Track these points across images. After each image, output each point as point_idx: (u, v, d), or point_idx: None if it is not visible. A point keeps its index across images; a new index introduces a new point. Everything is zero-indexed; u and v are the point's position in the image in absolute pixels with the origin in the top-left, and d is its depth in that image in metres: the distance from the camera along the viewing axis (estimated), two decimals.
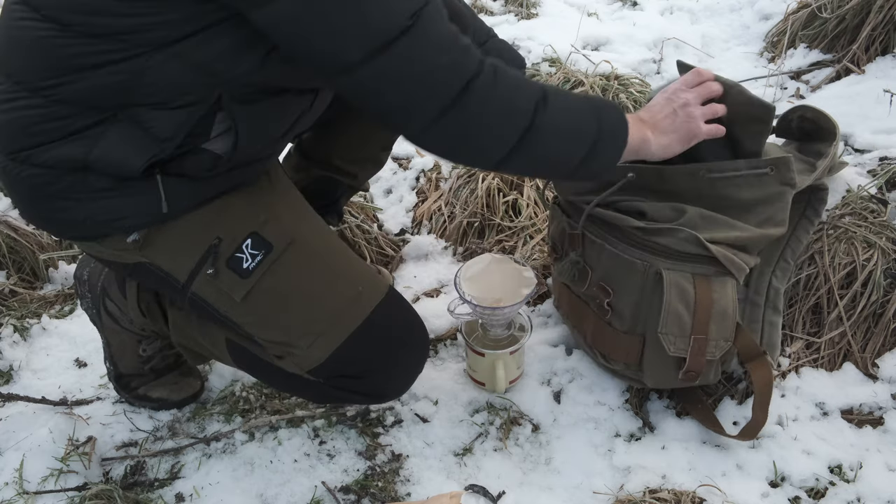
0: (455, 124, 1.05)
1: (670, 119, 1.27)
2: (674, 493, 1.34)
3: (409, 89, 1.02)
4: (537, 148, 1.10)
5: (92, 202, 1.13)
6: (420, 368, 1.35)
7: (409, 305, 1.37)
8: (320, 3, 0.94)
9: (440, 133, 1.06)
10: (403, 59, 0.99)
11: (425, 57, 1.00)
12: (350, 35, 0.97)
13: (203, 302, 1.23)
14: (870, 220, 1.64)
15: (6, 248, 1.90)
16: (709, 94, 1.30)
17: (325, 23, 0.96)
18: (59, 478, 1.41)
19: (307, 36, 0.97)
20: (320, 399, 1.44)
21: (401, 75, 1.00)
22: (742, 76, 2.39)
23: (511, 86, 1.07)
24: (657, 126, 1.26)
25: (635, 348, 1.41)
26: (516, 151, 1.09)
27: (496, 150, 1.09)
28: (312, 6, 0.94)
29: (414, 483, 1.42)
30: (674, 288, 1.32)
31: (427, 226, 2.00)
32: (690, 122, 1.27)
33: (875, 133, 1.98)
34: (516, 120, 1.07)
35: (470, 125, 1.06)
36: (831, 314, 1.57)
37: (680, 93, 1.29)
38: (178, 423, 1.55)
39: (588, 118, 1.14)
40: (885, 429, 1.46)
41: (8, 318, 1.78)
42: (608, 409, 1.52)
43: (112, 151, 1.08)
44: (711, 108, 1.30)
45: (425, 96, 1.02)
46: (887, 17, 2.20)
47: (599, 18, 2.80)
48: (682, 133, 1.27)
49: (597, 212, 1.39)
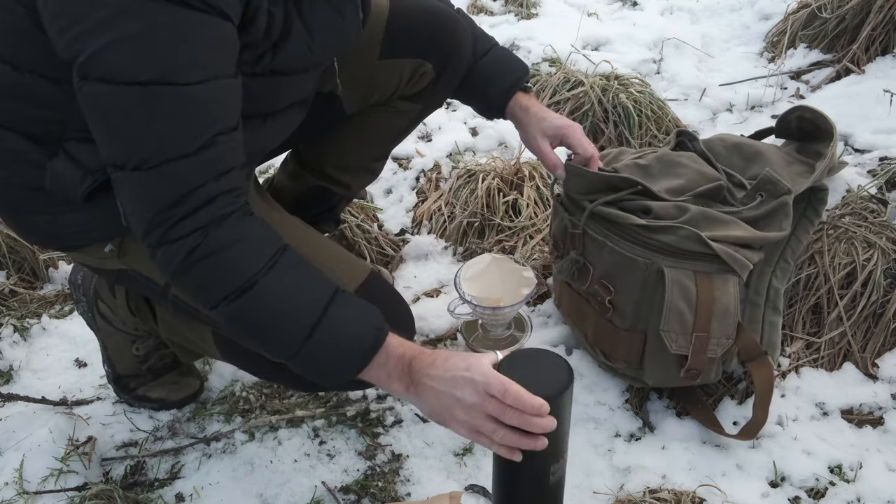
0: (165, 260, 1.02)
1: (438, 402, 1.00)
2: (674, 493, 1.34)
3: (125, 209, 1.03)
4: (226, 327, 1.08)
5: (60, 216, 1.16)
6: None
7: (391, 288, 1.36)
8: (90, 104, 0.95)
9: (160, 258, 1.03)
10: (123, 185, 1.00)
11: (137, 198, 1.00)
12: (99, 139, 0.98)
13: (184, 304, 1.24)
14: (870, 220, 1.64)
15: (6, 248, 1.91)
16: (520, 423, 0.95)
17: (88, 117, 0.97)
18: (59, 478, 1.41)
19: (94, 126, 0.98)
20: (306, 387, 1.43)
21: (120, 195, 1.02)
22: (742, 76, 2.40)
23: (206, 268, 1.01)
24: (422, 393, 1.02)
25: (636, 346, 1.41)
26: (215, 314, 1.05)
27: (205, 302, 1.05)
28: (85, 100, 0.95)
29: (414, 483, 1.41)
30: (675, 285, 1.32)
31: (427, 226, 2.00)
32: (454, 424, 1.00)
33: (875, 133, 1.98)
34: (202, 298, 1.04)
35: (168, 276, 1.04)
36: (831, 314, 1.57)
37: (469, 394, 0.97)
38: (178, 423, 1.55)
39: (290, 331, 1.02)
40: (885, 429, 1.46)
41: (8, 318, 1.78)
42: (608, 408, 1.52)
43: (58, 179, 1.11)
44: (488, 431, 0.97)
45: (133, 227, 1.03)
46: (887, 17, 2.20)
47: (599, 18, 2.80)
48: (441, 421, 1.03)
49: (599, 209, 1.40)
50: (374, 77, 1.42)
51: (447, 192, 2.03)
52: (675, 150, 1.60)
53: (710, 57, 2.54)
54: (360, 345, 1.04)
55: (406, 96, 1.48)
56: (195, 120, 0.96)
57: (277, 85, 1.13)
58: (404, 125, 1.56)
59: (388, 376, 1.04)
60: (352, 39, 1.21)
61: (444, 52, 1.43)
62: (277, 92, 1.15)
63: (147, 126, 0.95)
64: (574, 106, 2.16)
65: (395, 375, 1.04)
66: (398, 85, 1.45)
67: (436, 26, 1.42)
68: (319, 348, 1.03)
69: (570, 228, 1.45)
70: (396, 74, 1.44)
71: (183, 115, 0.95)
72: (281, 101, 1.19)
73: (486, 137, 2.22)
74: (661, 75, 2.47)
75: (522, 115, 1.44)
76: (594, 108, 2.13)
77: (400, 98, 1.48)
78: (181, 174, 0.97)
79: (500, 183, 1.96)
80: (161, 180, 0.97)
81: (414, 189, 2.12)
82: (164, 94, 0.93)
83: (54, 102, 1.06)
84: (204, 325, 1.32)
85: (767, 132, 1.78)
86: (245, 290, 1.01)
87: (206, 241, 0.99)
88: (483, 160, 2.06)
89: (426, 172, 2.14)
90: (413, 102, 1.49)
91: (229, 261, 1.01)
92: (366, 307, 1.07)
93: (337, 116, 1.46)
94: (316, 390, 1.53)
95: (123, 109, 0.94)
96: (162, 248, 1.00)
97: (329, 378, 1.07)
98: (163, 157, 0.96)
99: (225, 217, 1.00)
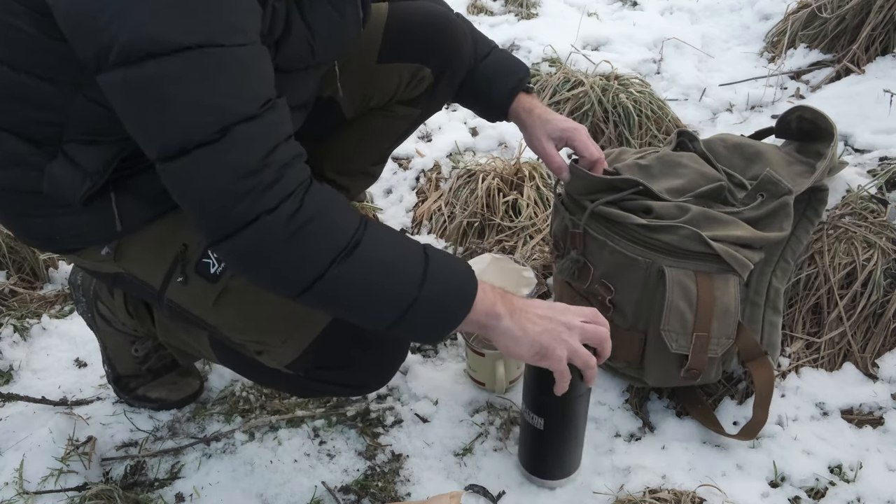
0: (241, 251, 0.98)
1: (542, 327, 1.10)
2: (674, 493, 1.34)
3: (195, 202, 0.97)
4: (330, 298, 1.03)
5: (56, 218, 1.16)
6: (401, 358, 1.32)
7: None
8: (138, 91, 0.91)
9: (228, 254, 1.00)
10: (193, 169, 0.94)
11: (214, 175, 0.94)
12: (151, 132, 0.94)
13: (179, 308, 1.23)
14: (870, 220, 1.64)
15: (6, 248, 1.90)
16: (596, 340, 1.15)
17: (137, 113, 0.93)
18: (59, 478, 1.41)
19: (124, 116, 0.95)
20: (302, 393, 1.43)
21: (189, 186, 0.96)
22: (742, 76, 2.40)
23: (311, 233, 0.97)
24: (523, 320, 1.10)
25: (637, 346, 1.42)
26: (308, 295, 1.01)
27: (287, 290, 1.02)
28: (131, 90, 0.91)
29: (414, 483, 1.41)
30: (676, 285, 1.32)
31: (427, 226, 2.00)
32: (557, 346, 1.10)
33: (875, 133, 1.98)
34: (305, 269, 0.99)
35: (255, 260, 0.99)
36: (831, 314, 1.57)
37: (573, 318, 1.13)
38: (178, 423, 1.55)
39: (405, 279, 1.02)
40: (885, 429, 1.46)
41: (8, 318, 1.78)
42: (608, 409, 1.52)
43: (56, 182, 1.10)
44: (585, 354, 1.13)
45: (211, 214, 0.97)
46: (887, 17, 2.20)
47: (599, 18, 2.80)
48: (540, 348, 1.11)
49: (600, 209, 1.40)
50: (372, 81, 1.42)
51: (447, 192, 2.03)
52: (675, 151, 1.60)
53: (710, 57, 2.55)
54: (467, 277, 1.07)
55: (405, 100, 1.48)
56: (250, 80, 0.94)
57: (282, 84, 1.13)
58: (403, 129, 1.56)
59: (493, 303, 1.08)
60: (352, 38, 1.21)
61: (443, 57, 1.43)
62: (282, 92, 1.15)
63: (207, 91, 0.91)
64: (574, 106, 2.16)
65: (497, 302, 1.09)
66: (397, 89, 1.45)
67: (435, 30, 1.42)
68: (436, 288, 1.03)
69: (571, 228, 1.45)
70: (395, 78, 1.44)
71: (239, 76, 0.92)
72: None
73: (486, 137, 2.22)
74: (661, 75, 2.47)
75: (526, 118, 1.43)
76: (594, 108, 2.13)
77: (398, 102, 1.48)
78: (254, 137, 0.93)
79: (500, 183, 1.96)
80: (235, 148, 0.92)
81: (414, 189, 2.12)
82: (217, 55, 0.90)
83: (52, 104, 1.05)
84: (200, 330, 1.32)
85: (767, 132, 1.78)
86: (353, 247, 0.99)
87: (303, 206, 0.96)
88: (483, 160, 2.06)
89: (426, 172, 2.14)
90: (412, 107, 1.49)
91: (331, 221, 0.99)
92: (450, 256, 1.10)
93: (336, 120, 1.46)
94: (306, 396, 1.52)
95: (177, 80, 0.89)
96: (258, 221, 0.94)
97: (445, 324, 1.07)
98: (230, 120, 0.91)
99: (310, 182, 0.98)
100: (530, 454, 1.37)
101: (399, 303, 1.03)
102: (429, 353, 1.68)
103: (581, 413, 1.30)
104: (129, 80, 0.90)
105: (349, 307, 1.05)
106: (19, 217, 1.20)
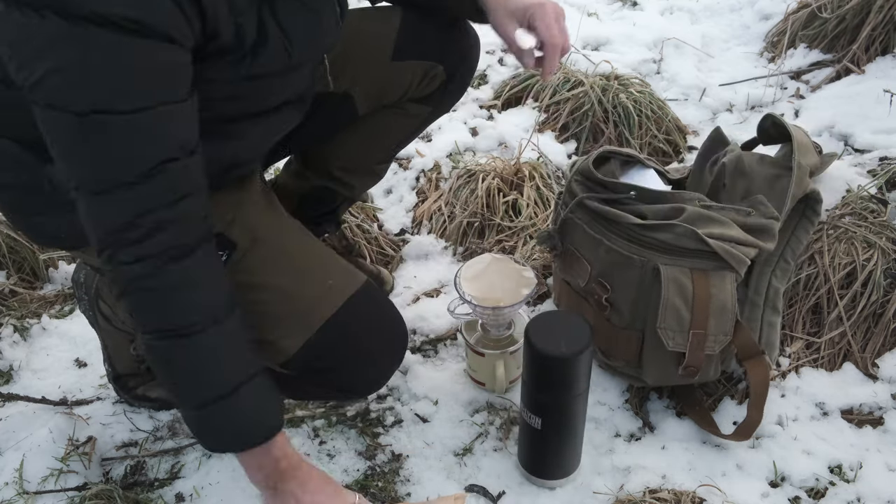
0: (112, 279, 1.02)
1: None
2: (674, 493, 1.34)
3: (88, 226, 1.00)
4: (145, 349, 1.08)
5: (59, 217, 1.15)
6: (395, 363, 1.32)
7: (386, 300, 1.35)
8: (60, 130, 0.93)
9: (108, 276, 1.03)
10: (79, 205, 0.98)
11: (90, 217, 0.98)
12: (70, 168, 0.97)
13: None
14: (870, 220, 1.64)
15: (6, 248, 1.90)
16: None
17: (57, 142, 0.95)
18: (59, 478, 1.41)
19: (49, 146, 0.97)
20: (294, 394, 1.43)
21: (87, 213, 0.98)
22: (742, 76, 2.39)
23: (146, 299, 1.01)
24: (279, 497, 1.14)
25: (634, 344, 1.42)
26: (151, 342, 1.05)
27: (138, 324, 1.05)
28: (52, 128, 0.94)
29: (414, 483, 1.42)
30: (672, 283, 1.32)
31: (427, 226, 2.00)
32: None
33: (875, 133, 1.98)
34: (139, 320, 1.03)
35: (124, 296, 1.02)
36: (831, 314, 1.57)
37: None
38: (178, 422, 1.55)
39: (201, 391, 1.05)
40: (885, 429, 1.46)
41: (8, 318, 1.78)
42: (608, 408, 1.52)
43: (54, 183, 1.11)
44: None
45: (93, 240, 1.00)
46: (887, 17, 2.20)
47: (599, 18, 2.79)
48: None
49: (597, 207, 1.41)
50: (386, 78, 1.42)
51: (447, 192, 2.03)
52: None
53: (710, 57, 2.54)
54: (249, 436, 1.08)
55: (416, 98, 1.48)
56: (137, 148, 0.95)
57: (263, 86, 1.13)
58: (413, 128, 1.57)
59: (259, 468, 1.12)
60: (330, 37, 1.20)
61: (457, 55, 1.43)
62: (265, 93, 1.15)
63: (90, 154, 0.94)
64: (574, 106, 2.16)
65: (265, 469, 1.11)
66: (409, 87, 1.45)
67: (449, 29, 1.43)
68: (214, 419, 1.06)
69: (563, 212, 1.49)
70: (408, 76, 1.44)
71: (123, 144, 0.94)
72: (271, 100, 1.18)
73: (486, 137, 2.22)
74: (661, 75, 2.47)
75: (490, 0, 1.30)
76: (594, 108, 2.13)
77: (410, 100, 1.48)
78: (127, 201, 0.96)
79: (500, 183, 1.96)
80: (108, 206, 0.96)
81: (414, 189, 2.12)
82: (103, 122, 0.92)
83: None
84: None
85: (754, 143, 1.78)
86: (180, 335, 1.01)
87: (158, 273, 0.98)
88: (483, 160, 2.06)
89: (426, 172, 2.13)
90: (423, 105, 1.50)
91: (176, 302, 1.01)
92: (271, 401, 1.11)
93: (349, 116, 1.46)
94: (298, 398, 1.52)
95: (68, 135, 0.93)
96: (110, 269, 1.00)
97: (206, 442, 1.12)
98: (107, 185, 0.95)
99: (182, 252, 0.99)
100: (529, 454, 1.38)
101: (184, 403, 1.08)
102: (429, 352, 1.68)
103: (579, 413, 1.30)
104: (37, 114, 0.94)
105: (162, 370, 1.07)
106: (26, 216, 1.21)
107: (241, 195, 1.26)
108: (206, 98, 1.03)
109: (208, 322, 1.02)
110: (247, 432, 1.08)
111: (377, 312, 1.29)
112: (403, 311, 1.74)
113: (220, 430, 1.08)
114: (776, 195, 1.52)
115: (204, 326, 1.01)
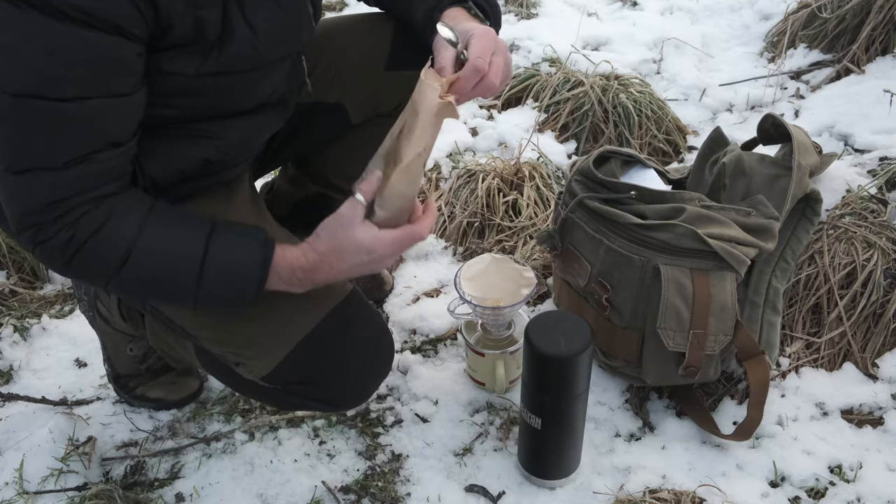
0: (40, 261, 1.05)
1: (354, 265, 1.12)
2: (674, 493, 1.34)
3: (7, 206, 1.02)
4: (128, 290, 1.10)
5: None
6: (381, 376, 1.29)
7: (372, 311, 1.31)
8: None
9: (38, 257, 1.06)
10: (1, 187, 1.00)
11: (11, 200, 1.00)
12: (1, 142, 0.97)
13: (162, 315, 1.23)
14: (870, 220, 1.64)
15: (6, 248, 1.90)
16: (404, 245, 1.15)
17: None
18: (59, 478, 1.41)
19: None
20: (279, 405, 1.42)
21: (8, 192, 1.00)
22: (742, 76, 2.39)
23: (85, 255, 1.01)
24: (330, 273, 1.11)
25: (634, 344, 1.42)
26: (111, 288, 1.09)
27: (93, 285, 1.10)
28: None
29: (414, 483, 1.42)
30: (671, 283, 1.32)
31: None
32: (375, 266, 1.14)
33: (875, 133, 1.98)
34: (94, 279, 1.07)
35: (55, 269, 1.07)
36: (831, 314, 1.57)
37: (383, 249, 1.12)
38: (178, 423, 1.55)
39: (182, 280, 1.05)
40: (885, 429, 1.46)
41: (8, 318, 1.78)
42: (608, 408, 1.52)
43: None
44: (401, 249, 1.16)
45: (12, 227, 1.03)
46: (887, 17, 2.20)
47: (599, 18, 2.79)
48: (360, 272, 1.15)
49: (597, 207, 1.41)
50: (380, 87, 1.42)
51: (447, 192, 2.03)
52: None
53: (710, 57, 2.54)
54: (251, 267, 1.06)
55: None
56: (67, 135, 0.96)
57: (234, 83, 1.11)
58: None
59: (289, 283, 1.10)
60: (302, 35, 1.19)
61: None
62: (237, 91, 1.13)
63: (18, 134, 0.95)
64: (574, 106, 2.16)
65: (293, 278, 1.09)
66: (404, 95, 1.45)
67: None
68: (213, 285, 1.05)
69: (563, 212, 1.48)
70: (403, 85, 1.43)
71: (53, 130, 0.95)
72: (245, 101, 1.17)
73: (486, 137, 2.22)
74: (661, 75, 2.47)
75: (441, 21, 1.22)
76: (594, 108, 2.13)
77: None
78: (49, 184, 0.97)
79: (500, 183, 1.96)
80: (28, 186, 0.97)
81: None
82: (36, 107, 0.92)
83: None
84: (185, 339, 1.31)
85: (754, 143, 1.78)
86: (124, 261, 1.02)
87: (76, 233, 0.99)
88: (483, 160, 2.06)
89: (426, 172, 2.13)
90: None
91: (101, 241, 1.01)
92: (245, 229, 1.09)
93: (343, 126, 1.45)
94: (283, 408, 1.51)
95: (2, 116, 0.94)
96: (37, 249, 1.01)
97: (238, 305, 1.09)
98: (29, 166, 0.96)
99: (96, 204, 1.00)
100: (529, 454, 1.38)
101: (184, 301, 1.08)
102: (429, 352, 1.68)
103: (579, 413, 1.30)
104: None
105: (148, 295, 1.14)
106: None
107: (228, 203, 1.25)
108: (169, 94, 1.03)
109: (138, 230, 1.02)
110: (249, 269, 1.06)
111: (360, 325, 1.26)
112: (403, 311, 1.75)
113: (228, 289, 1.07)
114: (776, 195, 1.52)
115: (137, 234, 1.02)
